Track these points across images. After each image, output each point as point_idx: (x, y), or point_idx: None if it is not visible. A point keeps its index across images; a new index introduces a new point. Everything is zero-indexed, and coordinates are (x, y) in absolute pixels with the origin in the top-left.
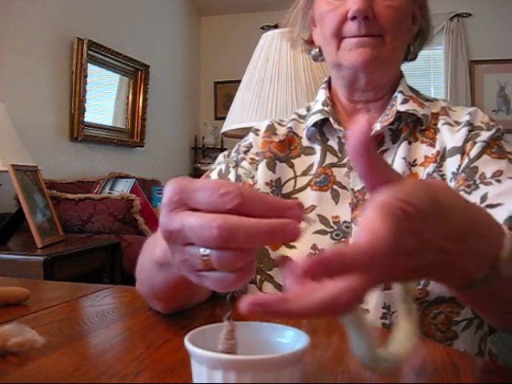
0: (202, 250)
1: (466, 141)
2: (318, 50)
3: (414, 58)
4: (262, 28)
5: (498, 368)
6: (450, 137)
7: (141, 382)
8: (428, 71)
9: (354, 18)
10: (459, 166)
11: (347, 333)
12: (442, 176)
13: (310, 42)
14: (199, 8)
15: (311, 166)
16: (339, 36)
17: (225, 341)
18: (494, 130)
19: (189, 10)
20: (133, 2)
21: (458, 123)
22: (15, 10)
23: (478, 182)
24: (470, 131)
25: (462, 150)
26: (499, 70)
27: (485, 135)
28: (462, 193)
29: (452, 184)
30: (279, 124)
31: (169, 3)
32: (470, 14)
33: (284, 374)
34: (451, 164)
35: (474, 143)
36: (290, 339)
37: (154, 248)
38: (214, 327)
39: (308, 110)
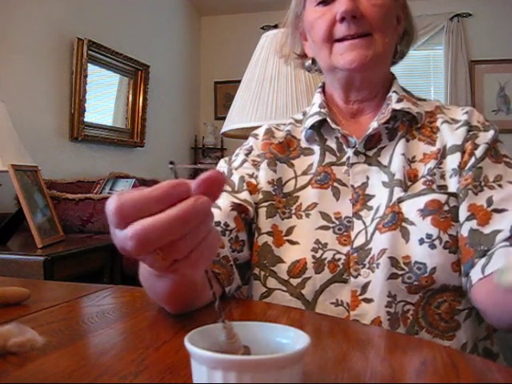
0: None
1: (466, 140)
2: (310, 61)
3: (401, 57)
4: (262, 28)
5: (498, 368)
6: (450, 134)
7: (141, 382)
8: (428, 71)
9: (342, 19)
10: (460, 162)
11: None
12: (442, 172)
13: (303, 56)
14: (199, 8)
15: (311, 165)
16: (330, 39)
17: (227, 341)
18: (493, 132)
19: (189, 9)
20: (133, 2)
21: (455, 121)
22: (15, 10)
23: (482, 184)
24: (468, 131)
25: (462, 149)
26: (499, 70)
27: (485, 136)
28: (469, 192)
29: (454, 179)
30: (276, 129)
31: (169, 3)
32: (470, 14)
33: (284, 374)
34: (451, 161)
35: (475, 144)
36: (290, 339)
37: None
38: (213, 327)
39: (304, 114)
